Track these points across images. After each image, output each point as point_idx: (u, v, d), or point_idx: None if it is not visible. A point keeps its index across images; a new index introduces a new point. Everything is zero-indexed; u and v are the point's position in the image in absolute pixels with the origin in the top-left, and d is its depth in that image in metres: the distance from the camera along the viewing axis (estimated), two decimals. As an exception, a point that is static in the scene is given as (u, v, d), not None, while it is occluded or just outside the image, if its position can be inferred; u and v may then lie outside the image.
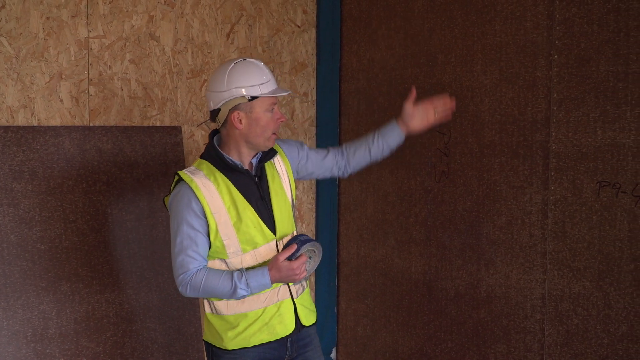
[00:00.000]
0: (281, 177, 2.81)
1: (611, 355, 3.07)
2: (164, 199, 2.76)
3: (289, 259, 2.59)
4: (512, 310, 3.45)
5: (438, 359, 3.87)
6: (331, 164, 2.99)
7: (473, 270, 3.64)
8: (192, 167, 2.68)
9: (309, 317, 2.83)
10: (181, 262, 2.59)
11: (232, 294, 2.56)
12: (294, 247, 2.59)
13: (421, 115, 2.97)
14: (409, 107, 2.96)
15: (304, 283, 2.81)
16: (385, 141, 3.00)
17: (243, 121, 2.63)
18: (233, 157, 2.68)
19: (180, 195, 2.59)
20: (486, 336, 3.59)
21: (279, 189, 2.76)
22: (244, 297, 2.59)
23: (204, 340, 2.83)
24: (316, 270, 4.51)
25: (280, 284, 2.68)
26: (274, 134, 2.68)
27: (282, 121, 2.70)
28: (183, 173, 2.63)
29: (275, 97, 2.68)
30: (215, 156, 2.68)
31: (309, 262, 2.67)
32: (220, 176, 2.63)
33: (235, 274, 2.57)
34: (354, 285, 4.43)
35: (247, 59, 2.69)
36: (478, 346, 3.63)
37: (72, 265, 3.38)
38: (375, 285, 4.27)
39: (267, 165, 2.77)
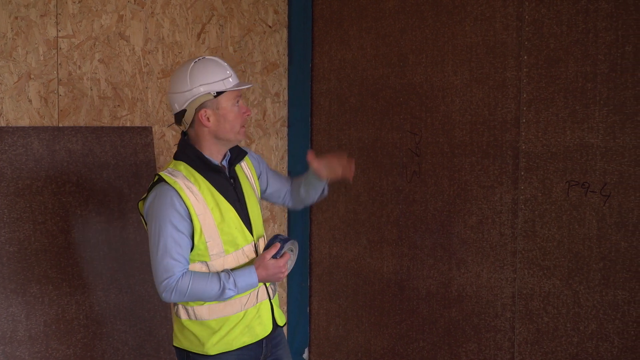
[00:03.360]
0: (249, 179, 2.80)
1: (581, 353, 3.10)
2: (138, 204, 2.67)
3: (274, 257, 2.59)
4: (483, 309, 3.48)
5: (410, 358, 3.88)
6: (284, 186, 2.98)
7: (444, 269, 3.66)
8: (169, 169, 2.60)
9: (282, 317, 2.82)
10: (166, 267, 2.49)
11: (220, 296, 2.51)
12: (278, 245, 2.60)
13: (328, 168, 2.83)
14: (313, 165, 2.81)
15: (274, 284, 2.82)
16: (311, 186, 2.93)
17: (211, 119, 2.59)
18: (210, 157, 2.65)
19: (162, 197, 2.50)
20: (457, 335, 3.61)
21: (250, 192, 2.76)
22: (230, 297, 2.55)
23: (175, 346, 2.74)
24: (288, 270, 4.51)
25: (259, 285, 2.67)
26: (243, 127, 2.66)
27: (248, 115, 2.67)
28: (165, 174, 2.54)
29: (239, 90, 2.65)
30: (193, 156, 2.62)
31: (291, 254, 2.69)
32: (199, 177, 2.58)
33: (222, 275, 2.51)
34: (326, 285, 4.44)
35: (206, 57, 2.67)
36: (449, 345, 3.65)
37: (42, 267, 3.34)
38: (347, 285, 4.27)
39: (237, 168, 2.76)
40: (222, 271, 2.56)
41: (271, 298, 2.73)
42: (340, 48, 4.27)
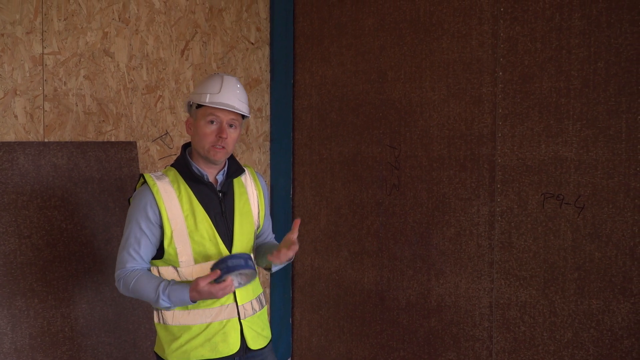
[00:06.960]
0: (250, 198, 2.79)
1: (556, 360, 3.16)
2: (129, 199, 2.73)
3: (217, 281, 2.49)
4: (462, 319, 3.53)
5: (391, 368, 3.92)
6: (262, 235, 2.97)
7: (423, 280, 3.70)
8: (159, 172, 2.68)
9: (257, 341, 2.74)
10: (121, 259, 2.61)
11: (155, 302, 2.55)
12: (217, 273, 2.45)
13: (280, 258, 2.67)
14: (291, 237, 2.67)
15: (255, 306, 2.75)
16: (262, 257, 2.92)
17: (192, 128, 2.67)
18: (200, 167, 2.67)
19: (140, 196, 2.60)
20: (437, 344, 3.65)
21: (244, 210, 2.74)
22: (167, 308, 2.59)
23: (154, 351, 2.78)
24: (271, 282, 4.54)
25: (229, 302, 2.64)
26: (214, 147, 2.61)
27: (221, 136, 2.60)
28: (148, 176, 2.62)
29: (215, 109, 2.61)
30: (183, 164, 2.67)
31: (240, 276, 2.60)
32: (183, 185, 2.62)
33: (162, 284, 2.53)
34: (308, 296, 4.47)
35: (228, 75, 2.71)
36: (429, 354, 3.69)
37: (27, 280, 3.35)
38: (329, 296, 4.31)
39: (236, 183, 2.76)
40: (168, 280, 2.57)
41: (241, 318, 2.67)
42: (321, 65, 4.33)
